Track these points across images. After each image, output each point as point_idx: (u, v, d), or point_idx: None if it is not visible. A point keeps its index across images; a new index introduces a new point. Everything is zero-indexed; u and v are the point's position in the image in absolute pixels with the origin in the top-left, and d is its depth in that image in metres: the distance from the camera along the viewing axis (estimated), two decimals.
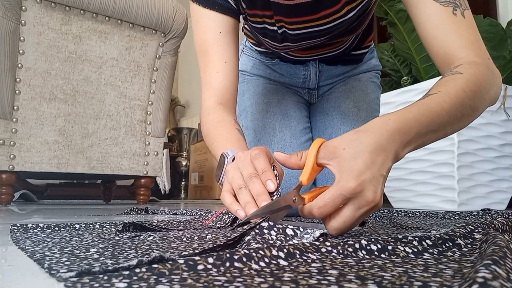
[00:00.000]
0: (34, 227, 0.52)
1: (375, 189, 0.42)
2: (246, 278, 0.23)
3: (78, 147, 1.47)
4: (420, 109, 0.49)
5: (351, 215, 0.42)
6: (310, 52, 0.94)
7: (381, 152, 0.43)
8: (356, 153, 0.42)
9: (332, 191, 0.42)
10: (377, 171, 0.42)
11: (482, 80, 0.55)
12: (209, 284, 0.22)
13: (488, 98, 0.57)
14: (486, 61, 0.59)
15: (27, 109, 1.38)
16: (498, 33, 1.48)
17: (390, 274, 0.24)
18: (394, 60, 1.88)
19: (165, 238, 0.43)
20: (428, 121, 0.48)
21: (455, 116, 0.51)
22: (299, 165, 0.46)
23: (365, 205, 0.42)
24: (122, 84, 1.59)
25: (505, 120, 1.54)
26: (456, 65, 0.58)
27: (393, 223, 0.69)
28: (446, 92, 0.51)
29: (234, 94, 0.80)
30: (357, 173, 0.41)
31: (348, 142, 0.43)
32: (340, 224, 0.43)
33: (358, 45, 1.00)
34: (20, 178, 1.89)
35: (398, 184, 1.65)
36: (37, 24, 1.41)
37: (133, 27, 1.61)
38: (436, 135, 0.51)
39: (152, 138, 1.67)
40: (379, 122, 0.46)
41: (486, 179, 1.50)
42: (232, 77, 0.78)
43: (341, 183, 0.41)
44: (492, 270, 0.20)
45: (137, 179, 1.68)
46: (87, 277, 0.22)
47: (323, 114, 1.04)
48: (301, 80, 1.05)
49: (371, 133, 0.44)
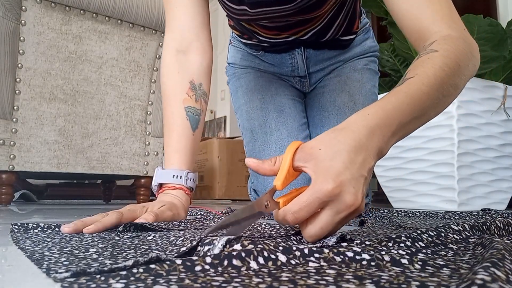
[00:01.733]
0: (35, 227, 0.52)
1: (355, 191, 0.38)
2: (244, 278, 0.23)
3: (78, 147, 1.48)
4: (399, 97, 0.46)
5: (329, 221, 0.39)
6: (285, 33, 0.90)
7: (361, 151, 0.40)
8: (334, 153, 0.39)
9: (307, 194, 0.38)
10: (357, 171, 0.39)
11: (460, 55, 0.51)
12: (207, 284, 0.22)
13: (468, 73, 0.53)
14: (462, 33, 0.55)
15: (27, 109, 1.39)
16: (498, 33, 1.48)
17: (388, 274, 0.25)
18: (394, 60, 1.88)
19: (165, 237, 0.43)
20: (410, 108, 0.45)
21: (437, 97, 0.48)
22: (273, 171, 0.43)
23: (344, 209, 0.38)
24: (122, 84, 1.59)
25: (505, 120, 1.54)
26: (430, 41, 0.54)
27: (392, 222, 0.69)
28: (424, 74, 0.48)
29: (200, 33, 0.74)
30: (335, 174, 0.38)
31: (325, 142, 0.40)
32: (317, 231, 0.39)
33: (345, 30, 0.95)
34: (20, 178, 1.89)
35: (398, 184, 1.65)
36: (37, 24, 1.41)
37: (133, 27, 1.61)
38: (420, 120, 0.48)
39: (152, 138, 1.67)
40: (357, 118, 0.43)
41: (486, 179, 1.50)
42: (194, 13, 0.73)
43: (317, 185, 0.38)
44: (491, 272, 0.20)
45: (137, 179, 1.68)
46: (84, 277, 0.22)
47: (320, 110, 1.01)
48: (290, 69, 1.02)
49: (349, 131, 0.41)
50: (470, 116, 1.46)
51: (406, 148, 1.60)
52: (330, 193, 0.37)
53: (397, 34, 1.74)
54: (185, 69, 0.74)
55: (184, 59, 0.74)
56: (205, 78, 0.76)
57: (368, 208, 1.00)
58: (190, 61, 0.74)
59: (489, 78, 1.61)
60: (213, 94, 4.55)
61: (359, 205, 0.39)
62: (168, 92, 0.73)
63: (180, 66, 0.73)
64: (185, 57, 0.74)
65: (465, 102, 1.45)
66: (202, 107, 0.74)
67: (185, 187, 0.68)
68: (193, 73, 0.74)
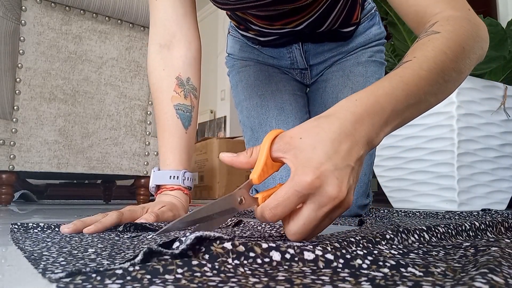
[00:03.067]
0: (35, 227, 0.52)
1: (338, 182, 0.34)
2: (241, 278, 0.23)
3: (78, 147, 1.48)
4: (392, 81, 0.41)
5: (312, 216, 0.35)
6: (277, 23, 0.87)
7: (346, 139, 0.36)
8: (315, 142, 0.35)
9: (285, 188, 0.35)
10: (342, 161, 0.35)
11: (464, 37, 0.46)
12: (203, 284, 0.22)
13: (474, 56, 0.48)
14: (466, 13, 0.50)
15: (27, 109, 1.39)
16: (498, 33, 1.48)
17: (382, 272, 0.25)
18: (394, 60, 1.88)
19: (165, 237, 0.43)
20: (405, 94, 0.40)
21: (437, 83, 0.43)
22: (250, 163, 0.39)
23: (327, 202, 0.34)
24: (122, 84, 1.59)
25: (505, 120, 1.54)
26: (431, 23, 0.49)
27: (391, 221, 0.69)
28: (423, 57, 0.43)
29: (183, 24, 0.70)
30: (315, 165, 0.34)
31: (306, 130, 0.37)
32: (299, 228, 0.35)
33: (344, 21, 0.91)
34: (20, 178, 1.89)
35: (398, 184, 1.65)
36: (37, 24, 1.41)
37: (133, 27, 1.61)
38: (418, 108, 0.43)
39: (152, 138, 1.67)
40: (344, 104, 0.39)
41: (486, 179, 1.50)
42: (175, 4, 0.69)
43: (296, 177, 0.34)
44: (489, 279, 0.20)
45: (137, 179, 1.69)
46: (80, 277, 0.22)
47: (322, 106, 0.98)
48: (289, 62, 1.00)
49: (334, 117, 0.37)
50: (470, 116, 1.46)
51: (406, 148, 1.60)
52: (310, 186, 0.34)
53: (397, 34, 1.74)
54: (170, 65, 0.70)
55: (168, 54, 0.71)
56: (193, 71, 0.72)
57: (368, 208, 1.00)
58: (174, 56, 0.71)
59: (489, 78, 1.61)
60: (213, 94, 4.55)
61: (344, 197, 0.35)
62: (155, 91, 0.71)
63: (164, 62, 0.71)
64: (169, 52, 0.71)
65: (465, 102, 1.45)
66: (193, 102, 0.71)
67: (183, 187, 0.68)
68: (178, 68, 0.71)
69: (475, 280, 0.20)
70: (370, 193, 1.01)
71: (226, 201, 0.36)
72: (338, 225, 0.70)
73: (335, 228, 0.63)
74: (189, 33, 0.72)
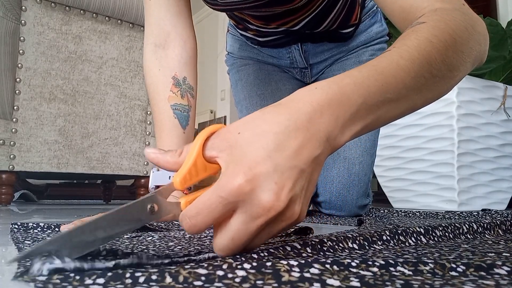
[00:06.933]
0: (35, 227, 0.52)
1: (277, 189, 0.27)
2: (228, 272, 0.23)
3: (78, 147, 1.48)
4: (364, 71, 0.33)
5: (242, 230, 0.28)
6: (273, 23, 0.86)
7: (297, 133, 0.29)
8: (254, 136, 0.28)
9: (208, 193, 0.28)
10: (287, 160, 0.28)
11: (454, 27, 0.39)
12: (189, 285, 0.22)
13: (470, 51, 0.40)
14: (459, 5, 0.43)
15: (27, 109, 1.39)
16: (498, 33, 1.48)
17: (372, 272, 0.24)
18: None
19: (164, 238, 0.43)
20: (379, 85, 0.33)
21: (422, 76, 0.35)
22: (178, 164, 0.31)
23: (260, 214, 0.27)
24: (122, 84, 1.59)
25: (505, 120, 1.54)
26: (418, 16, 0.43)
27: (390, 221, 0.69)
28: (403, 46, 0.36)
29: (177, 23, 0.69)
30: (249, 164, 0.27)
31: (247, 123, 0.30)
32: (226, 242, 0.28)
33: (343, 21, 0.89)
34: (20, 178, 1.89)
35: (398, 184, 1.65)
36: (37, 24, 1.41)
37: (133, 27, 1.62)
38: (398, 105, 0.35)
39: (152, 138, 1.67)
40: (302, 92, 0.32)
41: (486, 179, 1.50)
42: (168, 2, 0.68)
43: (222, 180, 0.28)
44: (479, 284, 0.21)
45: (137, 179, 1.69)
46: (57, 276, 0.22)
47: None
48: (288, 61, 0.99)
49: (284, 107, 0.30)
50: (470, 116, 1.46)
51: (406, 148, 1.60)
52: (237, 191, 0.27)
53: (397, 34, 1.74)
54: (165, 65, 0.69)
55: (163, 54, 0.70)
56: (189, 71, 0.71)
57: (368, 208, 1.00)
58: (169, 55, 0.70)
59: (489, 78, 1.61)
60: (213, 94, 4.55)
61: (282, 208, 0.27)
62: (152, 92, 0.70)
63: (160, 62, 0.69)
64: (164, 52, 0.70)
65: (465, 102, 1.45)
66: (190, 102, 0.70)
67: None
68: (174, 68, 0.69)
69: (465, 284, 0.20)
70: (370, 193, 1.01)
71: (131, 210, 0.28)
72: (338, 225, 0.70)
73: (335, 228, 0.63)
74: (184, 32, 0.71)
